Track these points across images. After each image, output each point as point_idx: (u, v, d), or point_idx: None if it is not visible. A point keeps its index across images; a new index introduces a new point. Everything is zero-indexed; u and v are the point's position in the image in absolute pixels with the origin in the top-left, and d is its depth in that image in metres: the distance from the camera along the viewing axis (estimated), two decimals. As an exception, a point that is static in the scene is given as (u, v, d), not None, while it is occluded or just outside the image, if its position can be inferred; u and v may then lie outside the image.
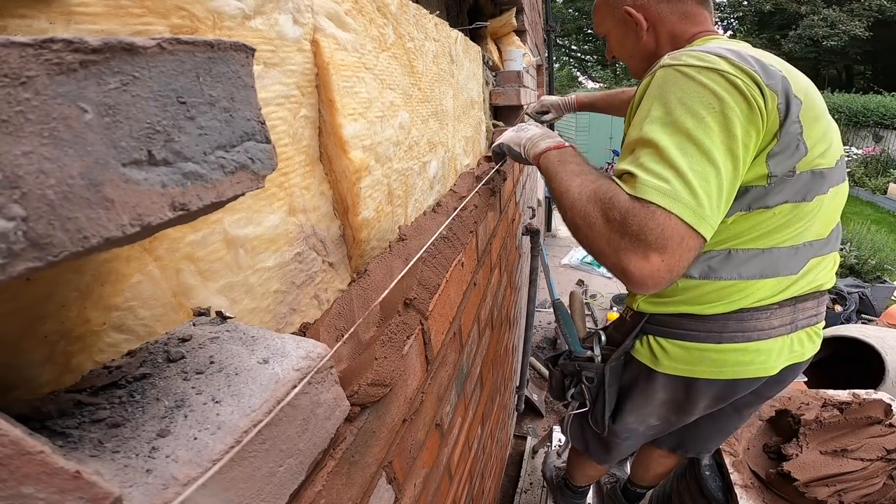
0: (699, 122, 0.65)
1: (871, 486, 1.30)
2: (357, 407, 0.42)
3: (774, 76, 0.70)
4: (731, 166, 0.66)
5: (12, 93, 0.16)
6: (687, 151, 0.65)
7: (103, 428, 0.25)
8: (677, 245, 0.62)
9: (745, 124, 0.67)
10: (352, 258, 0.63)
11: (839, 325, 3.07)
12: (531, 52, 2.83)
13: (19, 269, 0.16)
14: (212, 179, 0.24)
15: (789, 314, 0.91)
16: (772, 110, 0.69)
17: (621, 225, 0.65)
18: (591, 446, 1.30)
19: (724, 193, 0.66)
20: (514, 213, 1.61)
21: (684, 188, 0.63)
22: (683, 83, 0.69)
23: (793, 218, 0.81)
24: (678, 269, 0.64)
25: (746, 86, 0.67)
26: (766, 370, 0.93)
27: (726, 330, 0.90)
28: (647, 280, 0.64)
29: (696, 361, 0.94)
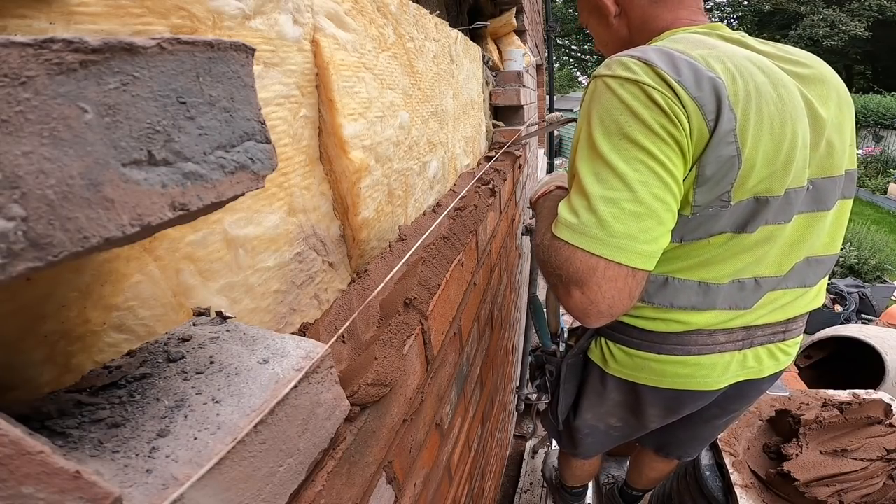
0: (616, 143, 0.63)
1: (871, 486, 1.30)
2: (357, 407, 0.42)
3: (704, 84, 0.62)
4: (653, 181, 0.62)
5: (12, 93, 0.16)
6: (601, 177, 0.63)
7: (103, 428, 0.25)
8: (592, 278, 0.62)
9: (665, 139, 0.62)
10: (352, 258, 0.63)
11: (839, 325, 3.07)
12: (531, 52, 2.83)
13: (19, 269, 0.16)
14: (212, 179, 0.24)
15: (741, 331, 0.87)
16: (697, 125, 0.62)
17: (545, 264, 0.69)
18: (563, 438, 1.31)
19: (646, 216, 0.61)
20: (514, 213, 1.61)
21: (592, 219, 0.62)
22: (605, 98, 0.65)
23: (732, 249, 0.74)
24: (605, 302, 0.63)
25: (665, 99, 0.61)
26: (709, 385, 0.89)
27: (666, 342, 0.87)
28: (579, 314, 0.66)
29: (639, 368, 0.93)
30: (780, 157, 0.67)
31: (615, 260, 0.62)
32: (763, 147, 0.66)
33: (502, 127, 1.74)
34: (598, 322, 0.67)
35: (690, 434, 1.22)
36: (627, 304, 0.65)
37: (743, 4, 19.42)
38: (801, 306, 0.89)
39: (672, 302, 0.81)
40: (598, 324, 0.68)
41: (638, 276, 0.64)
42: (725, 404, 1.04)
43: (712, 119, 0.63)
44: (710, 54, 0.66)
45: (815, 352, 2.95)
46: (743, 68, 0.66)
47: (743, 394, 1.00)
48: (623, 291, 0.64)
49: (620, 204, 0.61)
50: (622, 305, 0.65)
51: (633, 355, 0.92)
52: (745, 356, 0.89)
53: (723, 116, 0.63)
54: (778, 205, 0.71)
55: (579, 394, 1.14)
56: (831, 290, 4.31)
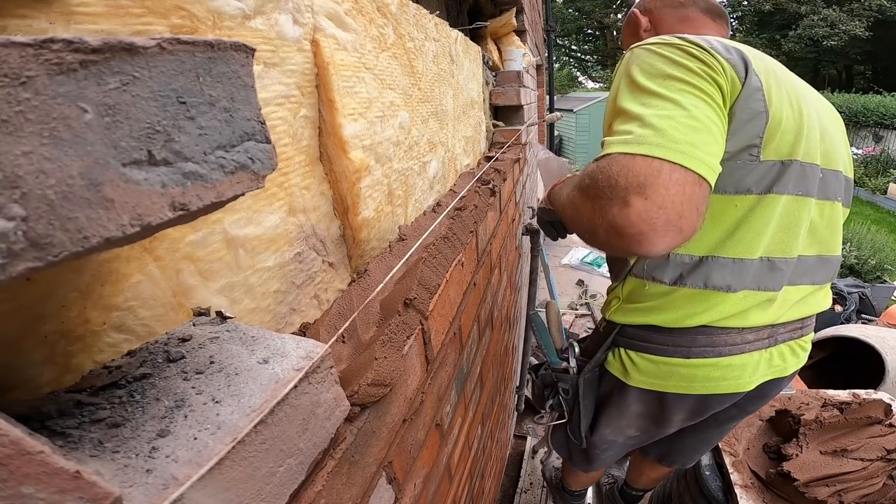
0: (661, 82, 0.66)
1: (871, 486, 1.30)
2: (357, 407, 0.42)
3: (733, 52, 0.70)
4: (703, 105, 0.63)
5: (12, 93, 0.16)
6: (649, 104, 0.64)
7: (103, 428, 0.25)
8: (655, 179, 0.57)
9: (707, 79, 0.66)
10: (352, 258, 0.63)
11: (839, 325, 3.06)
12: (531, 52, 2.83)
13: (19, 269, 0.16)
14: (212, 179, 0.24)
15: (766, 328, 0.88)
16: (730, 76, 0.68)
17: (593, 187, 0.62)
18: (574, 456, 1.29)
19: (702, 130, 0.61)
20: (514, 213, 1.61)
21: (647, 130, 0.60)
22: (644, 56, 0.70)
23: (758, 217, 0.77)
24: (675, 208, 0.57)
25: (701, 52, 0.68)
26: (740, 386, 0.89)
27: (695, 345, 0.86)
28: (641, 226, 0.57)
29: (666, 376, 0.90)
30: (798, 126, 0.74)
31: (681, 163, 0.57)
32: (785, 112, 0.73)
33: (502, 127, 1.74)
34: (665, 240, 0.57)
35: (700, 439, 1.20)
36: (696, 218, 0.59)
37: (743, 4, 19.41)
38: (814, 304, 0.93)
39: (706, 281, 0.80)
40: (665, 243, 0.58)
41: (704, 187, 0.59)
42: (746, 405, 1.03)
43: (742, 75, 0.69)
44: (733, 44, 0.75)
45: (815, 352, 2.95)
46: (761, 55, 0.76)
47: (764, 394, 0.99)
48: (692, 200, 0.58)
49: (675, 118, 0.60)
50: (692, 218, 0.58)
51: (660, 363, 0.89)
52: (772, 354, 0.90)
53: (750, 76, 0.69)
54: (796, 172, 0.76)
55: (597, 409, 1.11)
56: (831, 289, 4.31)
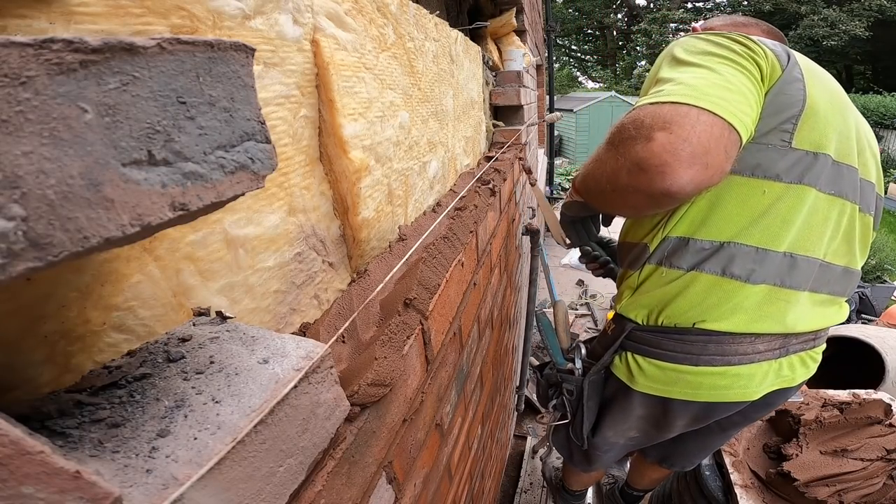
0: (700, 55, 0.68)
1: (871, 486, 1.30)
2: (357, 407, 0.42)
3: (777, 47, 0.73)
4: (740, 75, 0.65)
5: (12, 93, 0.16)
6: (685, 70, 0.66)
7: (103, 428, 0.25)
8: (682, 119, 0.56)
9: (747, 58, 0.68)
10: (352, 258, 0.63)
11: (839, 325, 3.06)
12: (531, 52, 2.83)
13: (19, 269, 0.16)
14: (212, 179, 0.24)
15: (777, 338, 0.86)
16: (772, 61, 0.70)
17: (619, 134, 0.63)
18: (575, 456, 1.29)
19: (735, 91, 0.62)
20: (514, 213, 1.61)
21: (677, 87, 0.61)
22: (689, 40, 0.73)
23: (785, 207, 0.75)
24: (700, 142, 0.56)
25: (744, 38, 0.70)
26: (747, 395, 0.88)
27: (705, 353, 0.84)
28: (664, 156, 0.56)
29: (672, 382, 0.90)
30: (834, 122, 0.74)
31: (710, 109, 0.58)
32: (823, 105, 0.73)
33: (502, 127, 1.74)
34: (688, 172, 0.56)
35: (701, 444, 1.19)
36: (724, 160, 0.58)
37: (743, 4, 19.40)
38: (830, 317, 0.90)
39: (724, 267, 0.78)
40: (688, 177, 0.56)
41: (734, 135, 0.59)
42: (751, 413, 1.02)
43: (784, 62, 0.71)
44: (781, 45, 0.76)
45: (815, 352, 2.95)
46: (807, 61, 0.77)
47: (769, 402, 0.97)
48: (720, 140, 0.57)
49: (709, 79, 0.62)
50: (719, 157, 0.57)
51: (667, 369, 0.88)
52: (781, 364, 0.88)
53: (792, 66, 0.71)
54: (829, 169, 0.75)
55: (600, 411, 1.10)
56: None
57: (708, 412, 0.94)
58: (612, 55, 27.02)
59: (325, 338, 0.51)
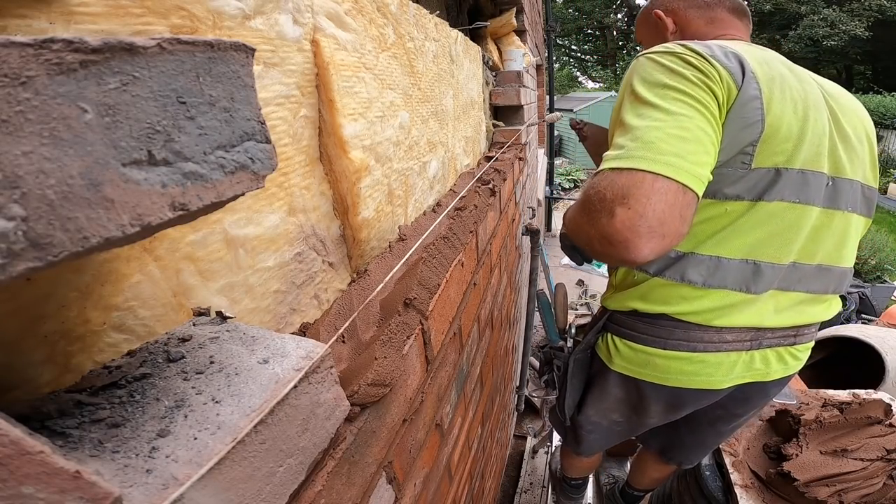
0: (658, 91, 0.68)
1: (871, 486, 1.30)
2: (357, 407, 0.42)
3: (732, 59, 0.71)
4: (696, 115, 0.65)
5: (12, 93, 0.16)
6: (643, 114, 0.66)
7: (103, 428, 0.25)
8: (638, 191, 0.59)
9: (702, 87, 0.68)
10: (352, 258, 0.63)
11: (839, 325, 3.07)
12: (531, 52, 2.83)
13: (19, 269, 0.16)
14: (212, 179, 0.24)
15: (749, 331, 0.86)
16: (726, 83, 0.69)
17: (587, 203, 0.66)
18: (567, 434, 1.32)
19: (691, 140, 0.63)
20: (514, 213, 1.61)
21: (636, 144, 0.63)
22: (647, 65, 0.73)
23: (748, 222, 0.76)
24: (655, 215, 0.59)
25: (698, 61, 0.70)
26: (712, 384, 0.89)
27: (672, 337, 0.87)
28: (625, 233, 0.60)
29: (643, 364, 0.93)
30: (799, 133, 0.73)
31: (663, 173, 0.60)
32: (786, 120, 0.72)
33: (502, 127, 1.74)
34: (649, 246, 0.60)
35: (695, 439, 1.21)
36: (679, 225, 0.61)
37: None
38: (811, 314, 0.89)
39: (682, 275, 0.81)
40: (650, 249, 0.61)
41: (688, 195, 0.62)
42: (730, 406, 1.04)
43: (739, 81, 0.69)
44: (743, 49, 0.75)
45: (815, 352, 2.95)
46: (769, 60, 0.76)
47: (747, 397, 0.99)
48: (674, 207, 0.60)
49: (665, 129, 0.63)
50: (674, 225, 0.61)
51: (639, 350, 0.92)
52: (753, 357, 0.89)
53: (747, 83, 0.69)
54: (794, 180, 0.75)
55: (585, 390, 1.15)
56: None
57: (679, 399, 0.96)
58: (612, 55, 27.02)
59: (325, 338, 0.51)
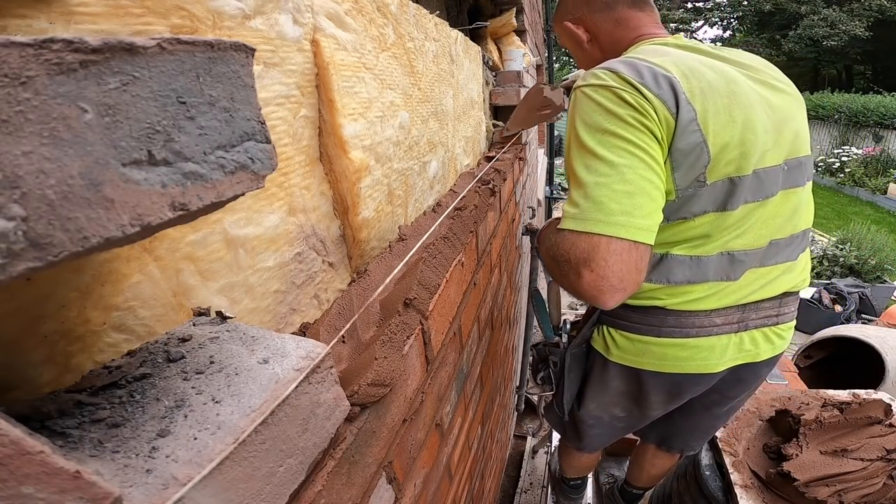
0: (599, 138, 0.72)
1: (871, 486, 1.30)
2: (357, 407, 0.42)
3: (663, 84, 0.73)
4: (637, 163, 0.70)
5: (12, 93, 0.16)
6: (592, 167, 0.71)
7: (103, 428, 0.25)
8: (598, 255, 0.68)
9: (640, 128, 0.71)
10: (352, 258, 0.63)
11: (839, 325, 3.07)
12: (531, 52, 2.83)
13: (19, 269, 0.16)
14: (212, 179, 0.24)
15: (736, 313, 0.91)
16: (663, 116, 0.72)
17: (556, 258, 0.74)
18: (567, 431, 1.33)
19: (637, 194, 0.69)
20: (514, 213, 1.61)
21: (588, 204, 0.69)
22: (585, 104, 0.75)
23: (718, 227, 0.81)
24: (615, 275, 0.68)
25: (632, 96, 0.72)
26: (708, 367, 0.93)
27: (665, 325, 0.91)
28: (594, 293, 0.70)
29: (640, 353, 0.95)
30: (741, 141, 0.76)
31: (615, 235, 0.68)
32: (726, 132, 0.75)
33: (502, 127, 1.73)
34: (614, 299, 0.70)
35: (691, 423, 1.23)
36: (636, 276, 0.70)
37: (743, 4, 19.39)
38: (787, 282, 0.94)
39: (668, 277, 0.86)
40: (615, 301, 0.70)
41: (640, 248, 0.69)
42: (725, 390, 1.06)
43: (673, 110, 0.72)
44: (666, 60, 0.77)
45: (815, 352, 2.95)
46: (694, 69, 0.77)
47: (741, 378, 1.02)
48: (629, 264, 0.69)
49: (612, 186, 0.69)
50: (632, 279, 0.69)
51: (635, 340, 0.95)
52: (742, 339, 0.93)
53: (682, 108, 0.72)
54: (750, 184, 0.79)
55: (583, 384, 1.15)
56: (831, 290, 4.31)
57: (678, 386, 0.98)
58: (612, 55, 26.96)
59: (325, 338, 0.51)
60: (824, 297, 4.22)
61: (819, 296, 4.23)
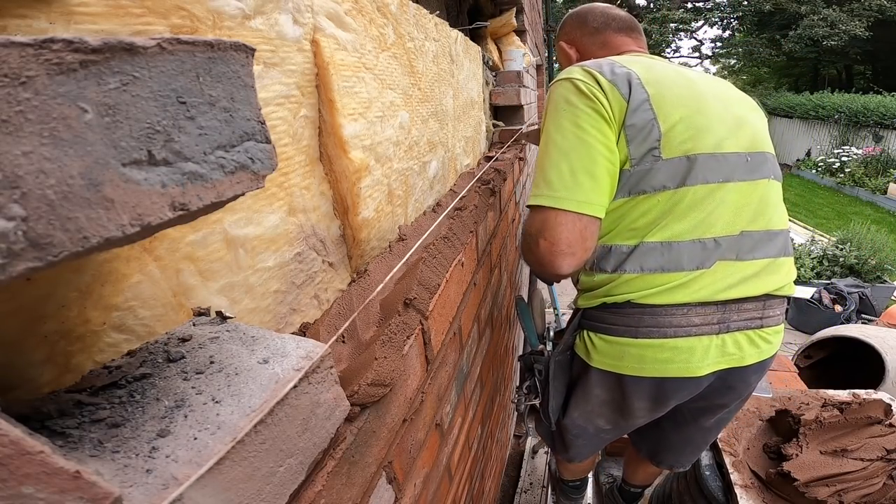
0: (557, 126, 0.85)
1: (871, 486, 1.30)
2: (357, 407, 0.42)
3: (619, 74, 0.85)
4: (584, 150, 0.83)
5: (12, 93, 0.16)
6: (549, 153, 0.85)
7: (103, 428, 0.25)
8: (548, 226, 0.82)
9: (589, 114, 0.83)
10: (352, 258, 0.63)
11: (839, 325, 3.07)
12: (531, 52, 2.83)
13: (19, 269, 0.16)
14: (212, 179, 0.24)
15: (715, 313, 0.89)
16: (614, 98, 0.83)
17: (524, 236, 0.88)
18: (555, 443, 1.31)
19: (580, 171, 0.82)
20: (514, 213, 1.61)
21: (545, 185, 0.83)
22: (553, 95, 0.89)
23: (680, 205, 0.86)
24: (564, 242, 0.81)
25: (586, 85, 0.85)
26: (690, 371, 0.90)
27: (641, 325, 0.90)
28: (549, 258, 0.82)
29: (619, 356, 0.94)
30: (693, 123, 0.85)
31: (560, 208, 0.81)
32: (678, 113, 0.85)
33: (502, 127, 1.74)
34: (566, 262, 0.83)
35: (681, 436, 1.20)
36: (582, 244, 0.83)
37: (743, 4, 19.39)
38: (770, 283, 0.92)
39: (642, 265, 0.89)
40: (568, 265, 0.83)
41: (584, 219, 0.82)
42: (712, 397, 1.03)
43: (626, 93, 0.84)
44: (632, 61, 0.90)
45: (815, 352, 2.95)
46: (654, 66, 0.90)
47: (728, 385, 1.00)
48: (574, 233, 0.82)
49: (560, 167, 0.83)
50: (579, 245, 0.83)
51: (613, 342, 0.93)
52: (724, 341, 0.91)
53: (634, 91, 0.84)
54: (708, 164, 0.86)
55: (569, 392, 1.14)
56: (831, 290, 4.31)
57: (661, 391, 0.96)
58: (612, 55, 26.96)
59: (325, 338, 0.51)
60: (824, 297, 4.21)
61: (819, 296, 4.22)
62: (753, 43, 18.54)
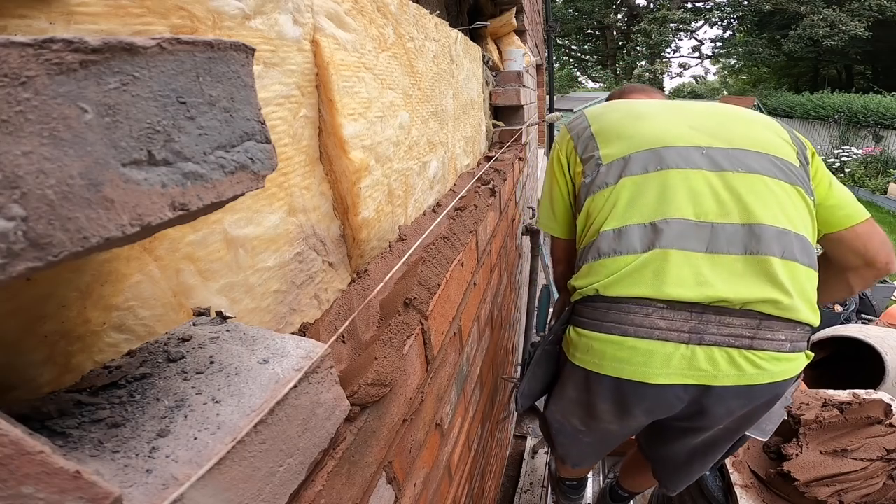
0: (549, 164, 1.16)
1: (871, 486, 1.30)
2: (357, 407, 0.42)
3: (580, 126, 1.10)
4: (552, 185, 1.14)
5: (12, 93, 0.16)
6: (543, 189, 1.20)
7: (103, 428, 0.25)
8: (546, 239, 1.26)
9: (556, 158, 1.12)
10: (352, 258, 0.63)
11: (839, 325, 3.06)
12: (531, 52, 2.83)
13: (19, 269, 0.16)
14: (212, 179, 0.24)
15: (688, 321, 0.82)
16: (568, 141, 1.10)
17: None
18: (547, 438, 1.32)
19: (554, 206, 1.14)
20: (514, 213, 1.61)
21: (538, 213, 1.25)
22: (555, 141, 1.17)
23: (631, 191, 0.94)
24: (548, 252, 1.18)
25: (560, 135, 1.14)
26: (647, 376, 0.84)
27: (605, 319, 0.89)
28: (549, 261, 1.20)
29: (586, 350, 0.92)
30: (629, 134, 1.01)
31: (543, 230, 1.22)
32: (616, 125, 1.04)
33: (502, 127, 1.74)
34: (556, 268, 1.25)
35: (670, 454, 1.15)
36: (558, 254, 1.22)
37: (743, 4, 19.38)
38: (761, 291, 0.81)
39: (598, 251, 0.93)
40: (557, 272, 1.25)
41: (554, 238, 1.20)
42: (691, 418, 0.96)
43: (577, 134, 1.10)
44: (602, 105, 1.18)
45: (815, 352, 2.95)
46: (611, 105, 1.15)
47: (702, 406, 0.90)
48: (552, 247, 1.26)
49: (543, 203, 1.19)
50: (556, 255, 1.24)
51: (583, 335, 0.93)
52: (695, 353, 0.82)
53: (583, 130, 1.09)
54: (644, 157, 0.96)
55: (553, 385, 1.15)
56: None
57: (620, 393, 0.91)
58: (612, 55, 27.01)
59: (325, 338, 0.51)
60: (824, 297, 4.21)
61: (819, 296, 4.22)
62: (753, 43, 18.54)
